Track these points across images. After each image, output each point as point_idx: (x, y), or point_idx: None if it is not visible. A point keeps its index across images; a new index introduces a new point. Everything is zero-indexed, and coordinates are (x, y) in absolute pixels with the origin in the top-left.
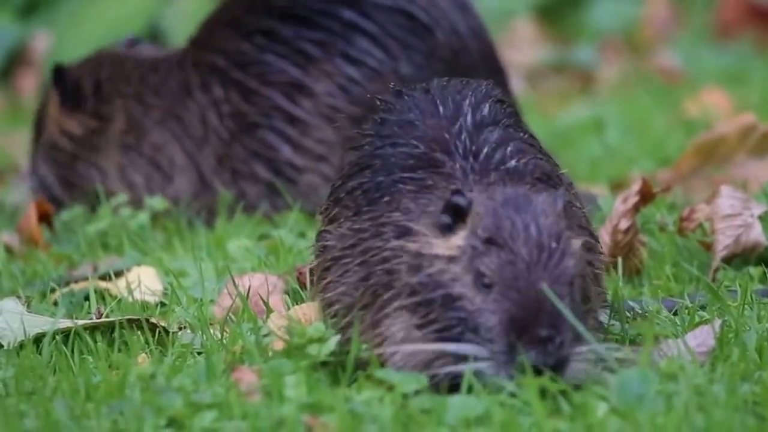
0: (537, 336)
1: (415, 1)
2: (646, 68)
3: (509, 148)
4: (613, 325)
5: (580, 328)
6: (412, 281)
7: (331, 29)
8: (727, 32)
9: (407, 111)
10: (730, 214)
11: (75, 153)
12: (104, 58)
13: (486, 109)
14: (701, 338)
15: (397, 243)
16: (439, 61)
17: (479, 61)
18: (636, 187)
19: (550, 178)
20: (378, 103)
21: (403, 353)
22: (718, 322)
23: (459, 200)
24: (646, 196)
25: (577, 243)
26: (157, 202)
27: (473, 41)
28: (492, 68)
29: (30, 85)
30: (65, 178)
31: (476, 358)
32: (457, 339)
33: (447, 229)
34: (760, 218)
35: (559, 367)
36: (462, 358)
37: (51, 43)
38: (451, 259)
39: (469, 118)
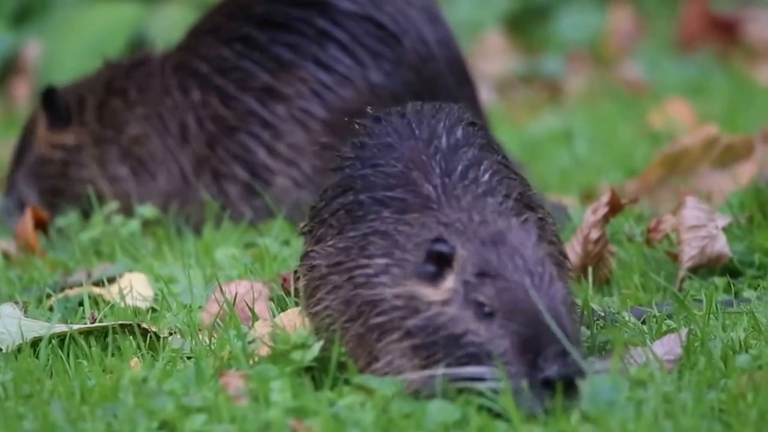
0: (555, 350)
1: (383, 11)
2: (611, 79)
3: (482, 167)
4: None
5: (574, 347)
6: (408, 324)
7: (305, 36)
8: (689, 44)
9: (385, 135)
10: (696, 226)
11: (67, 159)
12: (86, 75)
13: (459, 132)
14: (668, 346)
15: (384, 279)
16: (408, 69)
17: (446, 70)
18: (605, 198)
19: (522, 197)
20: (357, 127)
21: (417, 381)
22: (684, 331)
23: (442, 248)
24: (614, 207)
25: (555, 271)
26: (147, 210)
27: (441, 50)
28: (459, 77)
29: (23, 92)
30: (54, 188)
31: (494, 379)
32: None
33: (433, 277)
34: (724, 230)
35: (578, 379)
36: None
37: (42, 51)
38: (445, 303)
39: (443, 139)
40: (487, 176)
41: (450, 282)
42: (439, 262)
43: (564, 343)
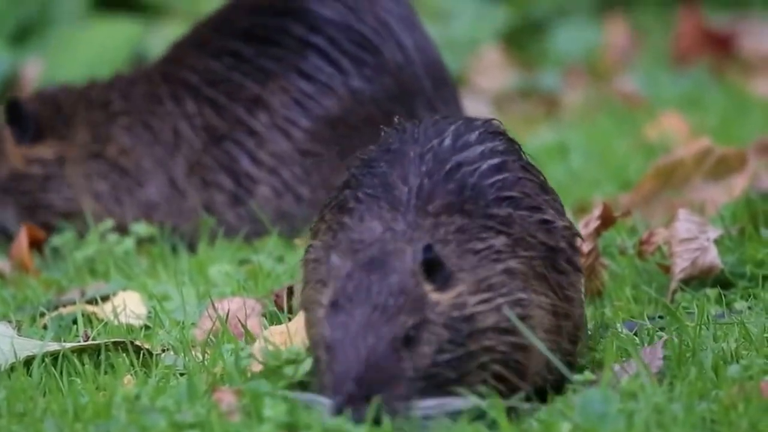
0: (350, 395)
1: (363, 19)
2: (607, 93)
3: (484, 167)
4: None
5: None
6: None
7: (286, 45)
8: (684, 58)
9: (390, 142)
10: (687, 238)
11: (48, 175)
12: (56, 89)
13: (474, 136)
14: (650, 356)
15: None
16: (387, 75)
17: (424, 74)
18: (597, 211)
19: (528, 197)
20: (381, 134)
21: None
22: (660, 343)
23: (329, 261)
24: (607, 220)
25: (436, 298)
26: (141, 229)
27: (418, 55)
28: (437, 81)
29: None
30: (37, 204)
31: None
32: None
33: (324, 284)
34: (716, 242)
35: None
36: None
37: (42, 70)
38: (318, 317)
39: (447, 141)
40: (486, 176)
41: (327, 294)
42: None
43: (364, 388)
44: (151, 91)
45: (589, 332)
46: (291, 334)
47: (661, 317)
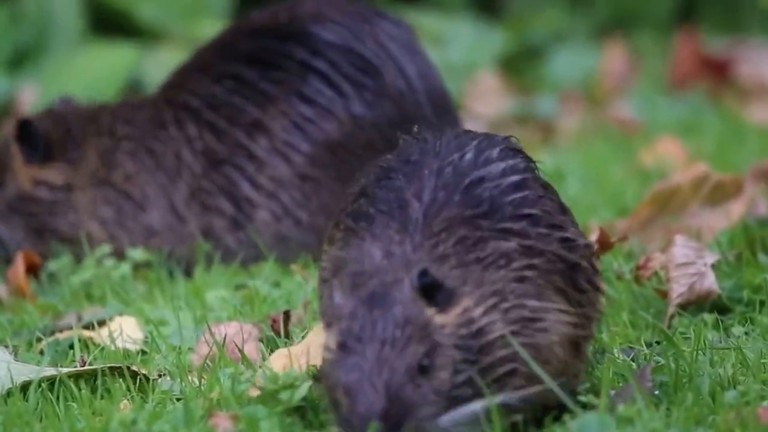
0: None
1: (365, 43)
2: (603, 119)
3: (504, 183)
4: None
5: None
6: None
7: (287, 68)
8: (681, 83)
9: (411, 152)
10: (684, 263)
11: (55, 200)
12: (67, 108)
13: (495, 152)
14: (639, 379)
15: None
16: (388, 101)
17: (426, 101)
18: (594, 236)
19: (548, 215)
20: (400, 141)
21: None
22: (648, 366)
23: (333, 302)
24: (604, 245)
25: (441, 320)
26: (138, 254)
27: (421, 82)
28: (440, 108)
29: None
30: (43, 227)
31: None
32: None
33: (329, 326)
34: (713, 267)
35: None
36: None
37: (38, 96)
38: (329, 359)
39: (469, 155)
40: (506, 193)
41: (334, 336)
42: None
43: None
44: (155, 115)
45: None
46: (293, 358)
47: (658, 342)
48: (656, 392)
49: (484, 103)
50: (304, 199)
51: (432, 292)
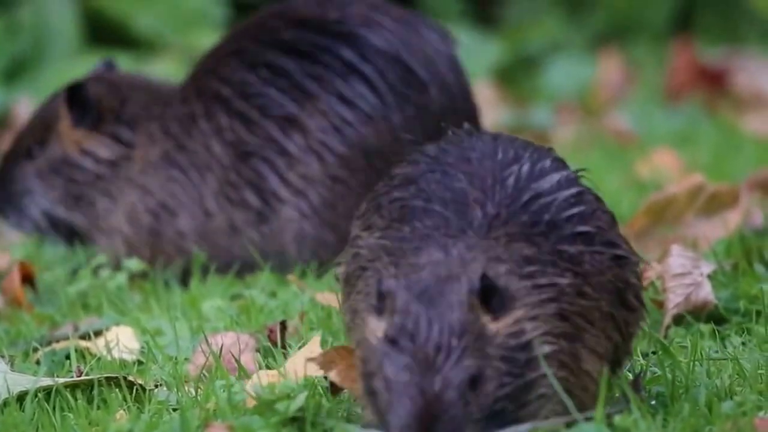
0: None
1: (413, 54)
2: (599, 130)
3: (560, 197)
4: None
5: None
6: (359, 353)
7: (331, 67)
8: (677, 94)
9: (471, 149)
10: (681, 273)
11: (99, 174)
12: (122, 80)
13: (548, 162)
14: (631, 388)
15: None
16: (430, 117)
17: (464, 119)
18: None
19: (602, 231)
20: (447, 133)
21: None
22: (642, 376)
23: (381, 288)
24: None
25: (494, 328)
26: (134, 264)
27: (462, 102)
28: (473, 125)
29: None
30: (80, 196)
31: None
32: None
33: (380, 313)
34: (709, 277)
35: None
36: None
37: (33, 108)
38: (375, 348)
39: (526, 166)
40: (563, 207)
41: (383, 325)
42: (382, 301)
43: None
44: (188, 110)
45: None
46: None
47: (654, 353)
48: (653, 403)
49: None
50: (333, 200)
51: (489, 296)
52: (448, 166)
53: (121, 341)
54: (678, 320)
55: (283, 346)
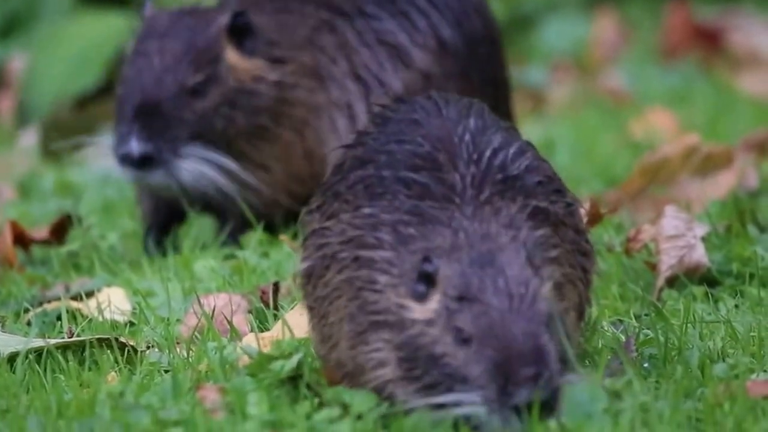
0: (524, 375)
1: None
2: (594, 89)
3: (511, 151)
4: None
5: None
6: (394, 337)
7: None
8: (673, 53)
9: (412, 111)
10: (674, 235)
11: (279, 96)
12: (275, 4)
13: (486, 115)
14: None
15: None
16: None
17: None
18: (584, 208)
19: (551, 181)
20: (379, 108)
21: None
22: (632, 337)
23: (428, 268)
24: (594, 216)
25: (546, 287)
26: (125, 223)
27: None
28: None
29: (7, 106)
30: (259, 127)
31: (470, 404)
32: (446, 392)
33: (421, 296)
34: (703, 239)
35: (551, 401)
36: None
37: (28, 64)
38: (428, 323)
39: (472, 121)
40: (516, 163)
41: (434, 303)
42: (427, 282)
43: (536, 366)
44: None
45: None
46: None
47: (647, 315)
48: (645, 365)
49: None
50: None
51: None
52: (400, 134)
53: (113, 302)
54: (671, 282)
55: (276, 308)
